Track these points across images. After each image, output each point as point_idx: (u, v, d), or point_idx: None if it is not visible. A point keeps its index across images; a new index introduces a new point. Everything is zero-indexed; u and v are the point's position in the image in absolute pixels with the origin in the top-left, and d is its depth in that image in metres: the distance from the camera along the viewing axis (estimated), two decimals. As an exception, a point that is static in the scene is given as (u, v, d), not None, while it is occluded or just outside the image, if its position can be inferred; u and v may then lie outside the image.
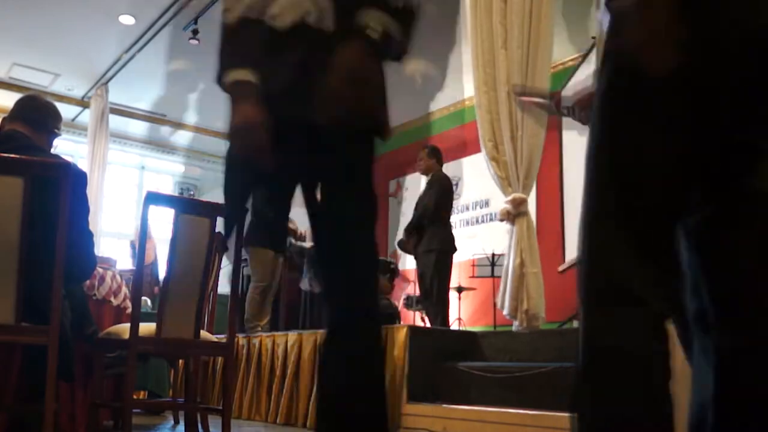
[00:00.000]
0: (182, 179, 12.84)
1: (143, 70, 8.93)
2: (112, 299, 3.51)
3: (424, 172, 7.06)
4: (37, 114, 2.75)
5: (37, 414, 2.40)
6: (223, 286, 4.03)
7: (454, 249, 6.92)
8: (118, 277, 3.66)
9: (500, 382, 3.77)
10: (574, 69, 6.78)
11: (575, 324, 3.53)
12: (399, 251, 7.95)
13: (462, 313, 7.78)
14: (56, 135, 2.83)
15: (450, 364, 4.13)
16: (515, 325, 3.47)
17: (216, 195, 11.94)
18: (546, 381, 3.54)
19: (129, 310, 3.70)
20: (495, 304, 7.58)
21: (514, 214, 3.44)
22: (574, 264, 5.80)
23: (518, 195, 3.45)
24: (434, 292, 6.59)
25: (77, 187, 2.59)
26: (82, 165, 9.88)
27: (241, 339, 5.45)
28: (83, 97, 9.92)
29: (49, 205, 2.47)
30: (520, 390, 3.65)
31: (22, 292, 2.44)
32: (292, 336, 4.98)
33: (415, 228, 6.79)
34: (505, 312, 3.49)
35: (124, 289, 3.69)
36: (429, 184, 6.91)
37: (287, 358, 4.96)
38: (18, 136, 2.64)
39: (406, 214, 10.94)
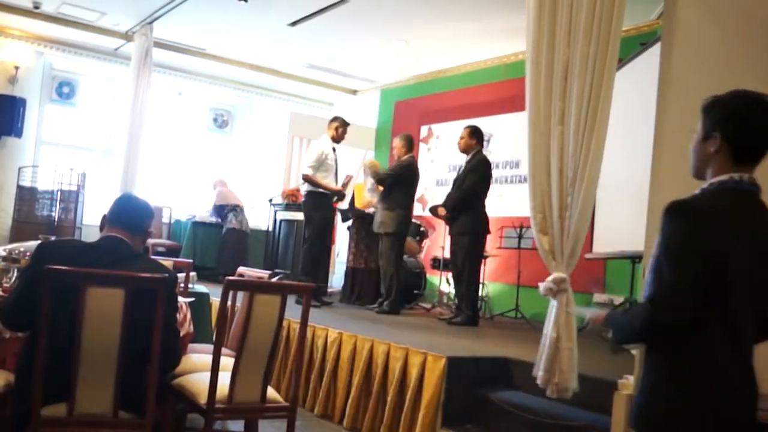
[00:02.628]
0: (216, 105, 12.90)
1: (189, 14, 8.90)
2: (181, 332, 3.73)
3: (464, 151, 7.18)
4: (135, 219, 2.90)
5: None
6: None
7: (488, 231, 7.12)
8: (184, 306, 3.87)
9: (530, 422, 4.04)
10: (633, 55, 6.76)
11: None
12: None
13: (486, 267, 8.00)
14: (149, 234, 3.01)
15: (482, 392, 4.40)
16: (547, 392, 3.69)
17: (246, 122, 12.08)
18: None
19: (190, 336, 3.98)
20: (518, 265, 7.94)
21: (556, 290, 3.60)
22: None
23: (559, 275, 3.60)
24: (465, 276, 6.83)
25: (169, 293, 2.78)
26: (125, 93, 10.00)
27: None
28: (127, 32, 9.90)
29: (144, 309, 2.67)
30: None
31: (119, 387, 2.67)
32: (333, 332, 5.24)
33: (453, 208, 6.96)
34: (539, 381, 3.70)
35: (189, 317, 3.91)
36: (470, 166, 7.03)
37: (326, 353, 5.24)
38: (120, 246, 2.81)
39: (435, 161, 11.08)
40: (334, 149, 7.60)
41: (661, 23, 3.66)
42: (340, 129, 7.58)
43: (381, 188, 7.62)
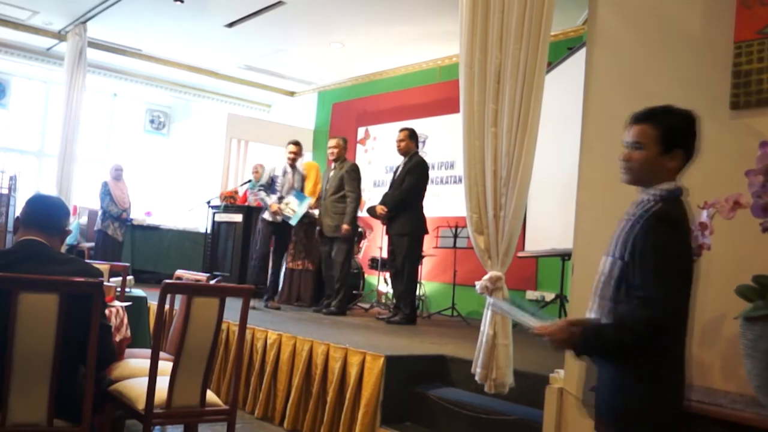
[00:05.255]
0: (153, 107, 12.68)
1: (124, 14, 8.74)
2: (116, 337, 3.66)
3: (403, 153, 7.20)
4: (51, 219, 2.81)
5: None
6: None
7: (426, 231, 7.18)
8: (121, 311, 3.80)
9: (466, 417, 4.10)
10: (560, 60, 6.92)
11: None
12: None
13: (423, 267, 8.06)
14: (67, 234, 2.94)
15: (421, 390, 4.43)
16: (485, 388, 3.75)
17: (183, 124, 11.88)
18: (509, 428, 3.87)
19: (128, 341, 3.91)
20: (454, 264, 8.03)
21: (492, 288, 3.66)
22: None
23: (495, 273, 3.66)
24: (405, 275, 6.86)
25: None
26: (59, 93, 9.74)
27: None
28: (60, 31, 9.65)
29: (75, 311, 2.61)
30: (483, 430, 3.98)
31: (54, 394, 2.61)
32: (272, 334, 5.21)
33: (395, 209, 6.98)
34: (476, 377, 3.75)
35: (125, 322, 3.84)
36: (409, 167, 7.06)
37: (266, 355, 5.21)
38: (39, 249, 2.73)
39: (373, 162, 11.11)
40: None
41: (586, 29, 3.75)
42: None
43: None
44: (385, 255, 7.92)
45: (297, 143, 7.72)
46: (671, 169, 2.11)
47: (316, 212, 7.83)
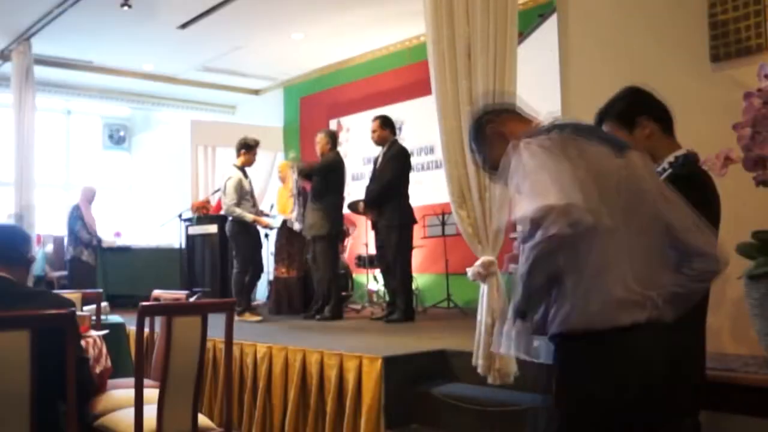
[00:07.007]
0: (111, 120, 12.60)
1: (69, 26, 8.68)
2: (96, 368, 3.65)
3: (379, 143, 7.21)
4: (9, 250, 2.80)
5: None
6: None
7: (414, 221, 7.19)
8: (98, 340, 3.79)
9: (474, 412, 4.13)
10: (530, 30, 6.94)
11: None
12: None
13: (413, 259, 8.08)
14: (31, 261, 2.93)
15: (423, 389, 4.46)
16: (489, 379, 3.78)
17: (144, 135, 11.79)
18: (518, 418, 3.90)
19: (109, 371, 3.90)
20: (445, 253, 8.05)
21: (485, 274, 3.69)
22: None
23: (487, 258, 3.69)
24: (398, 269, 6.86)
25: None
26: (7, 115, 9.68)
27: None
28: (3, 51, 9.58)
29: (48, 346, 2.60)
30: (491, 423, 4.01)
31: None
32: (261, 347, 5.22)
33: (375, 202, 6.99)
34: (479, 370, 3.78)
35: (104, 351, 3.83)
36: (388, 157, 7.07)
37: (257, 370, 5.22)
38: (6, 285, 2.72)
39: (349, 155, 11.08)
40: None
41: (557, -7, 3.78)
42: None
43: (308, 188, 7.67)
44: (371, 251, 7.92)
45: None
46: (650, 135, 2.21)
47: (295, 225, 7.83)
